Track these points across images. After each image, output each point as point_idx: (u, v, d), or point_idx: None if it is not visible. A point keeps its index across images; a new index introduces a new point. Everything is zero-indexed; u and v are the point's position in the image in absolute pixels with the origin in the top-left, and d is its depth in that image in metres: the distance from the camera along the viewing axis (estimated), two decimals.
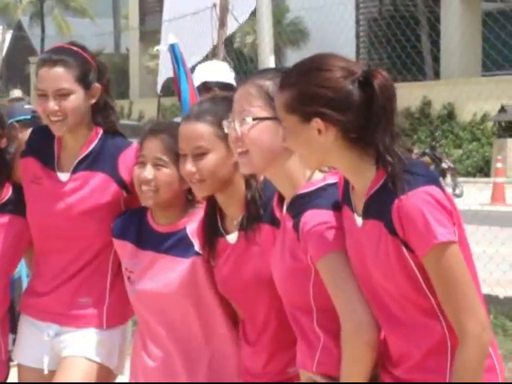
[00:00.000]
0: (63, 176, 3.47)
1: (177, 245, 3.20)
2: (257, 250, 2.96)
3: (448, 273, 2.42)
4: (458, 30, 29.21)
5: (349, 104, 2.40)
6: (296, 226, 2.63)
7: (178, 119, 5.15)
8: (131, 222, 3.36)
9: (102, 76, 3.46)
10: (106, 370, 3.52)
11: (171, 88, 7.82)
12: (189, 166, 2.96)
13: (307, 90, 2.44)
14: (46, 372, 3.57)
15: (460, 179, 21.81)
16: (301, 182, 2.70)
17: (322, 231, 2.59)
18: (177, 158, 3.13)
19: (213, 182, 2.95)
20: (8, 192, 3.57)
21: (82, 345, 3.50)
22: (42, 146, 3.53)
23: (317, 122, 2.41)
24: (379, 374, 2.54)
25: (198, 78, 5.24)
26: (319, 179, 2.69)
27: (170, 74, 7.08)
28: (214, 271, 3.09)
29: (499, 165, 19.94)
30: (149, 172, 3.18)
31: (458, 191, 19.87)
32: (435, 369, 2.47)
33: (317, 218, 2.60)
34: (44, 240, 3.56)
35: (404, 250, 2.41)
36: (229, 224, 3.04)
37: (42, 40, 49.56)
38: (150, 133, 3.27)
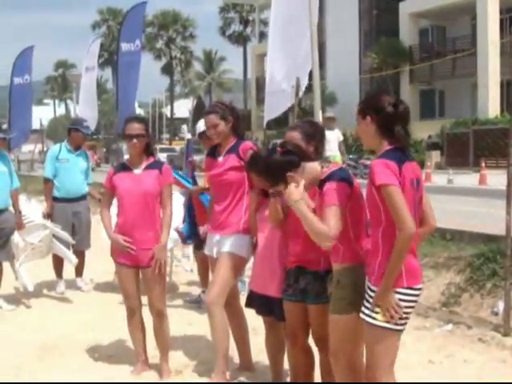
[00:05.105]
0: (221, 158, 5.21)
1: None
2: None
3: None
4: (408, 98, 34.10)
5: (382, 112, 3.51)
6: (321, 191, 3.79)
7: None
8: None
9: (234, 113, 5.16)
10: (243, 260, 5.04)
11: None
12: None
13: (366, 105, 3.64)
14: (215, 257, 5.16)
15: None
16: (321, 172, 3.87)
17: (333, 192, 3.67)
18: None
19: None
20: (151, 160, 5.36)
21: (230, 245, 5.01)
22: (213, 149, 5.35)
23: (368, 118, 3.53)
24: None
25: (201, 128, 6.93)
26: (329, 169, 3.84)
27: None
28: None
29: (428, 163, 26.05)
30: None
31: None
32: (371, 262, 3.51)
33: (331, 186, 3.73)
34: (212, 189, 5.31)
35: (373, 187, 3.44)
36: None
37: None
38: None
